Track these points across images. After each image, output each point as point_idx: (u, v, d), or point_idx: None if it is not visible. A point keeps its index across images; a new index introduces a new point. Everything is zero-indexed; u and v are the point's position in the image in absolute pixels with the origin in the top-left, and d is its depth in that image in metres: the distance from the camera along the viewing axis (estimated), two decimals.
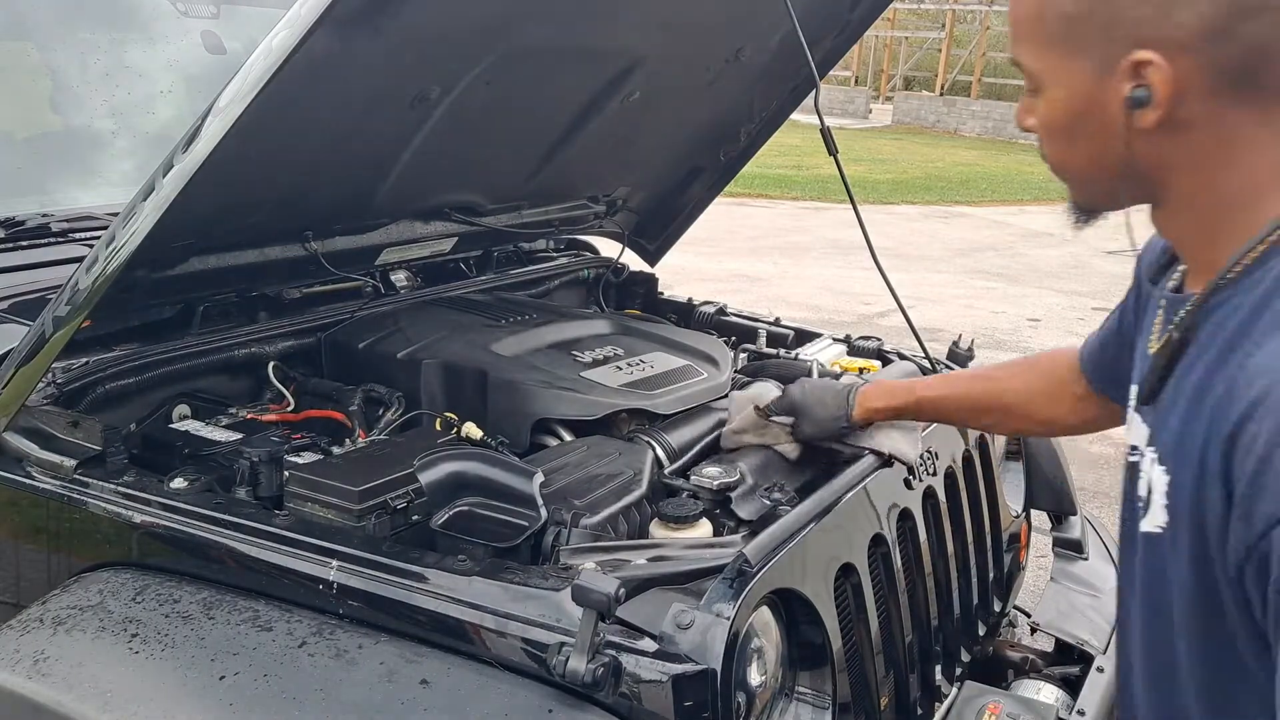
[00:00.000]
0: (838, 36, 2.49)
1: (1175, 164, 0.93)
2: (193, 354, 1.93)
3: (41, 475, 1.65)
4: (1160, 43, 0.87)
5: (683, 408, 1.97)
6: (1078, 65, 0.93)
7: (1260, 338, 0.86)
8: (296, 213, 2.00)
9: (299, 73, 1.37)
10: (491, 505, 1.55)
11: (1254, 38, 0.86)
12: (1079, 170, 1.00)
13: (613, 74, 2.19)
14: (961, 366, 2.44)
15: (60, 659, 1.40)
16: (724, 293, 4.98)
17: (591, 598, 1.16)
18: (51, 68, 2.33)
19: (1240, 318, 0.89)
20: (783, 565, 1.37)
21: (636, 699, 1.21)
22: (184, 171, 1.40)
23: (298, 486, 1.54)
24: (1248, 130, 0.90)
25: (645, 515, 1.65)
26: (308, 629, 1.38)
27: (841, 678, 1.45)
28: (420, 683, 1.28)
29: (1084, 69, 0.92)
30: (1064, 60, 0.93)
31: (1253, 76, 0.88)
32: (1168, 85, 0.88)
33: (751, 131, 2.73)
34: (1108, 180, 0.97)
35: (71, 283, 1.53)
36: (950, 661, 1.89)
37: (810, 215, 12.07)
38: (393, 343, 2.08)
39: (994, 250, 10.39)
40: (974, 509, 2.04)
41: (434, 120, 1.92)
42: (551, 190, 2.61)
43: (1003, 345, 6.99)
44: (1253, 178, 0.91)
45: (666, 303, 2.92)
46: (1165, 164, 0.93)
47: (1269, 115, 0.90)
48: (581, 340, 2.19)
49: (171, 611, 1.45)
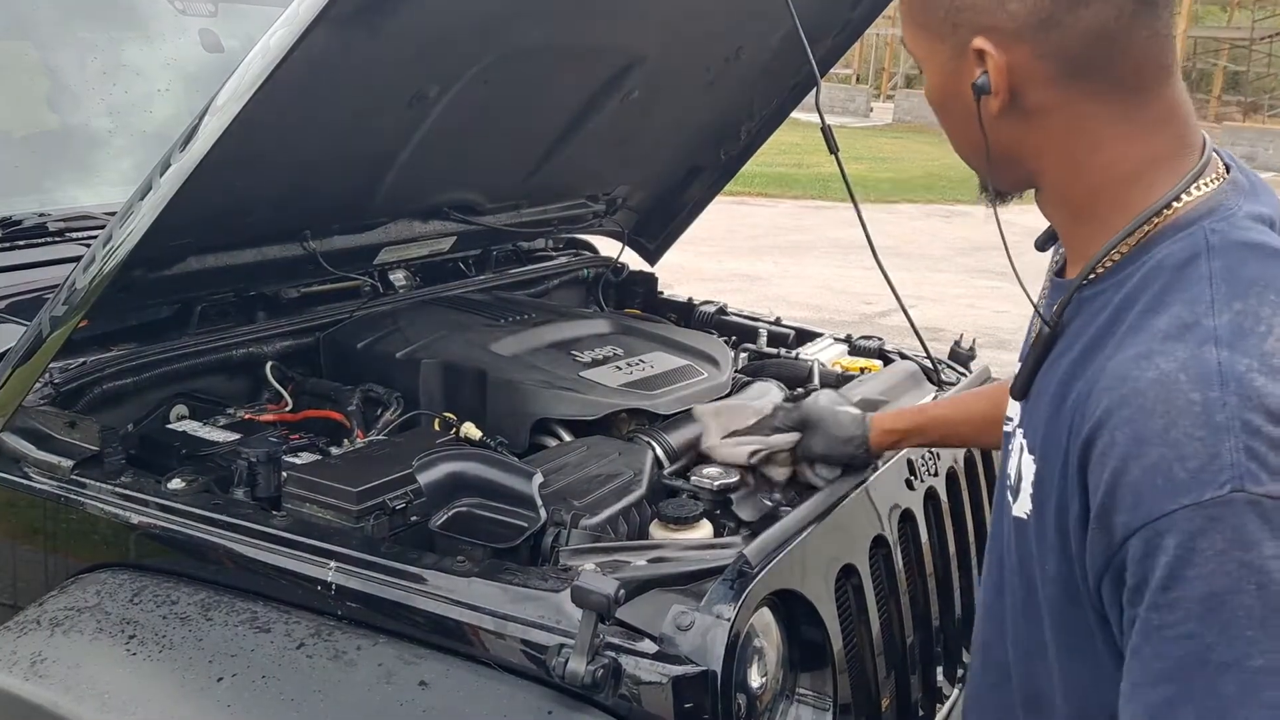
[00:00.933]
0: (839, 34, 2.48)
1: (1035, 151, 0.94)
2: (190, 354, 1.93)
3: (38, 476, 1.64)
4: (995, 31, 0.89)
5: (683, 408, 1.96)
6: (939, 50, 0.95)
7: (1121, 339, 0.86)
8: (294, 212, 2.00)
9: (297, 71, 1.36)
10: (490, 506, 1.55)
11: (1087, 26, 0.87)
12: (959, 151, 1.02)
13: (612, 73, 2.19)
14: (963, 366, 2.43)
15: (58, 660, 1.40)
16: (724, 292, 4.98)
17: (591, 599, 1.15)
18: (49, 66, 2.33)
19: (1106, 316, 0.89)
20: (783, 566, 1.36)
21: (636, 700, 1.21)
22: (181, 170, 1.40)
23: (296, 487, 1.54)
24: (1107, 121, 0.90)
25: (645, 516, 1.65)
26: (306, 630, 1.38)
27: (842, 679, 1.44)
28: (419, 684, 1.28)
29: (943, 52, 0.95)
30: (930, 45, 0.96)
31: (1097, 66, 0.88)
32: (1001, 74, 0.90)
33: (752, 130, 2.72)
34: (982, 162, 0.98)
35: (69, 282, 1.53)
36: (952, 662, 1.88)
37: (811, 214, 12.07)
38: (391, 342, 2.07)
39: (996, 249, 10.33)
40: (975, 509, 2.03)
41: (432, 119, 1.91)
42: (551, 189, 2.60)
43: (1005, 345, 6.99)
44: (1119, 169, 0.91)
45: (666, 302, 2.91)
46: (1026, 150, 0.94)
47: (1129, 107, 0.89)
48: (581, 340, 2.18)
49: (169, 613, 1.44)
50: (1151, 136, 0.90)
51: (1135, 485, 0.78)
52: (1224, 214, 0.88)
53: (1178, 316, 0.83)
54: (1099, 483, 0.81)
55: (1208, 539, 0.75)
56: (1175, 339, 0.81)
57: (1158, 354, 0.81)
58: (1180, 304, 0.84)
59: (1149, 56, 0.89)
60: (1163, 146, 0.91)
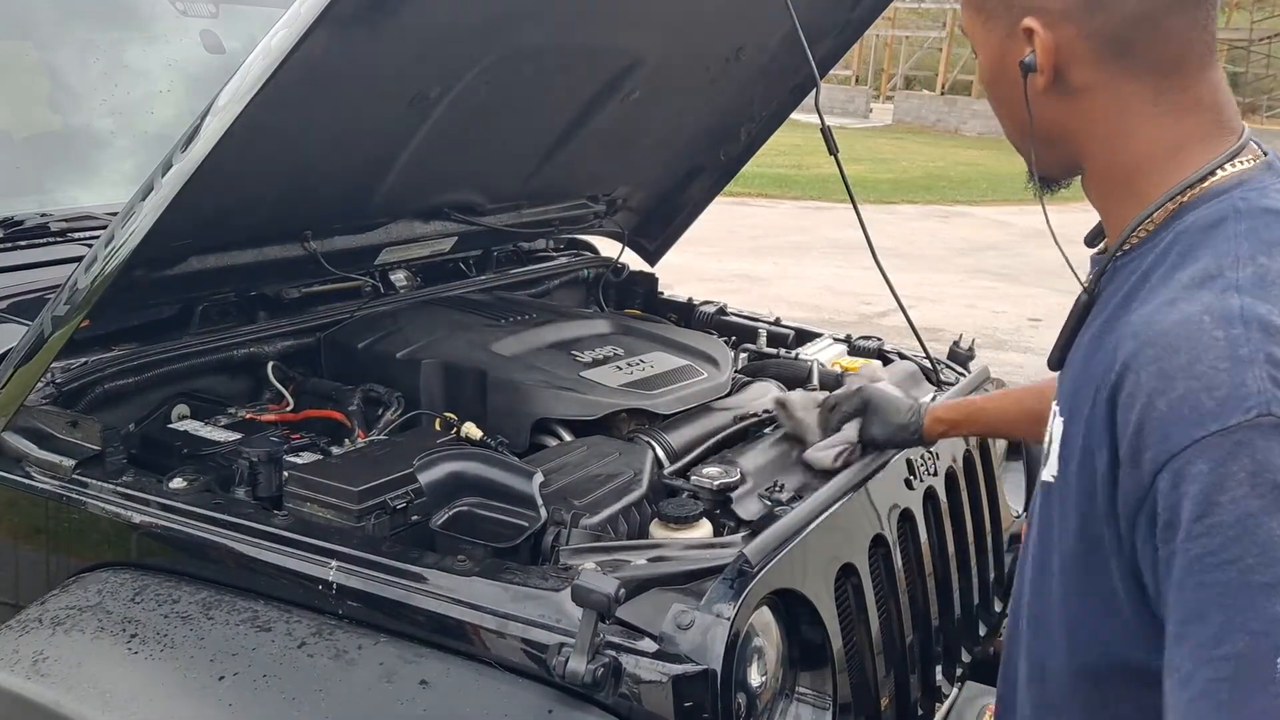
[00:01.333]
0: (838, 35, 2.49)
1: (1078, 130, 0.98)
2: (192, 354, 1.93)
3: (40, 475, 1.65)
4: (1044, 12, 0.94)
5: (683, 408, 1.97)
6: (993, 30, 1.00)
7: (1147, 295, 0.89)
8: (295, 212, 2.00)
9: (298, 72, 1.36)
10: (491, 505, 1.55)
11: (1131, 11, 0.91)
12: (1008, 132, 1.06)
13: (613, 73, 2.19)
14: (962, 366, 2.44)
15: (59, 659, 1.40)
16: (724, 292, 4.97)
17: (591, 598, 1.15)
18: (51, 67, 2.33)
19: (1136, 278, 0.93)
20: (783, 565, 1.37)
21: (636, 699, 1.21)
22: (183, 171, 1.40)
23: (297, 487, 1.54)
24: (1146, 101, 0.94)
25: (645, 515, 1.65)
26: (307, 629, 1.38)
27: (842, 678, 1.45)
28: (420, 683, 1.28)
29: (996, 32, 1.00)
30: (985, 25, 1.01)
31: (1138, 49, 0.93)
32: (1048, 52, 0.95)
33: (752, 131, 2.72)
34: (1028, 140, 1.02)
35: (70, 282, 1.53)
36: (951, 662, 1.88)
37: (810, 215, 12.07)
38: (392, 342, 2.08)
39: (995, 250, 10.38)
40: (975, 509, 2.04)
41: (433, 120, 1.91)
42: (551, 190, 2.61)
43: (1004, 345, 6.99)
44: (1157, 146, 0.95)
45: (666, 302, 2.92)
46: (1069, 129, 0.99)
47: (1167, 89, 0.94)
48: (581, 340, 2.19)
49: (170, 612, 1.44)
50: (1189, 117, 0.94)
51: (1163, 419, 0.80)
52: (1255, 185, 0.92)
53: (1202, 269, 0.86)
54: (1127, 423, 0.83)
55: (1238, 462, 0.76)
56: (1198, 287, 0.85)
57: (1181, 300, 0.84)
58: (1206, 259, 0.87)
59: (1188, 43, 0.93)
60: (1199, 128, 0.95)
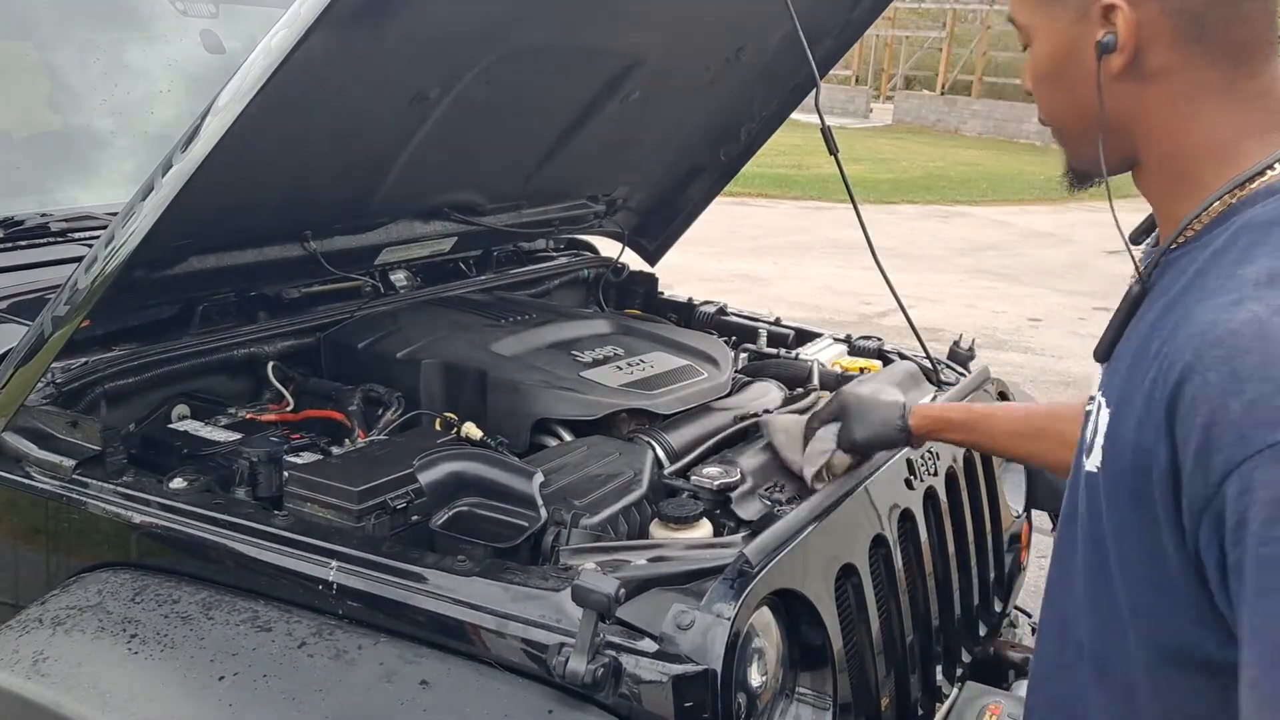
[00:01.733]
0: (838, 35, 2.49)
1: (1144, 116, 0.98)
2: (192, 354, 1.93)
3: (40, 475, 1.65)
4: None
5: (683, 408, 1.97)
6: (1058, 13, 0.99)
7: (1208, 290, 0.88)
8: (295, 212, 2.00)
9: (298, 72, 1.36)
10: (491, 505, 1.55)
11: None
12: (1064, 122, 1.05)
13: (613, 74, 2.19)
14: (962, 366, 2.44)
15: (59, 659, 1.40)
16: (724, 292, 4.97)
17: (591, 598, 1.15)
18: (50, 67, 2.33)
19: (1191, 273, 0.92)
20: (783, 566, 1.37)
21: (636, 700, 1.21)
22: (183, 171, 1.40)
23: (297, 487, 1.54)
24: (1216, 89, 0.94)
25: (645, 515, 1.65)
26: (307, 629, 1.38)
27: (842, 678, 1.45)
28: (420, 683, 1.28)
29: (1063, 17, 0.99)
30: (1047, 10, 1.00)
31: (1216, 30, 0.92)
32: (1131, 30, 0.94)
33: (752, 131, 2.72)
34: (1089, 131, 1.01)
35: (70, 282, 1.53)
36: (951, 662, 1.88)
37: (810, 215, 12.07)
38: (392, 342, 2.08)
39: (995, 250, 10.39)
40: (975, 509, 2.04)
41: (433, 120, 1.91)
42: (551, 190, 2.61)
43: (1003, 345, 6.99)
44: (1220, 136, 0.95)
45: (666, 302, 2.92)
46: (1137, 115, 0.98)
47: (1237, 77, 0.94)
48: (581, 340, 2.19)
49: (170, 612, 1.44)
50: (1253, 107, 0.94)
51: (1236, 422, 0.79)
52: None
53: (1267, 267, 0.85)
54: (1193, 426, 0.82)
55: None
56: (1266, 286, 0.84)
57: (1249, 299, 0.83)
58: (1268, 256, 0.86)
59: (1261, 30, 0.93)
60: (1262, 120, 0.95)
